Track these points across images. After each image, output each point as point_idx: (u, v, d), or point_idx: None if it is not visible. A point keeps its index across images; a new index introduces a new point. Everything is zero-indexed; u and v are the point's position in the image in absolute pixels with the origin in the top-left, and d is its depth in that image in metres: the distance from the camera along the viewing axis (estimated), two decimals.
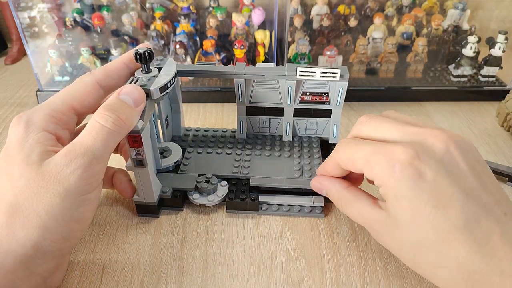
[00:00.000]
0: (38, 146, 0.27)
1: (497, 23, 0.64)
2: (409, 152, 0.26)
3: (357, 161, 0.29)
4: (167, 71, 0.34)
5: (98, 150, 0.28)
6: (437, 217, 0.25)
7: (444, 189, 0.25)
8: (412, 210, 0.25)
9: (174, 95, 0.43)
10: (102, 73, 0.33)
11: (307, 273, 0.32)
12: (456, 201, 0.25)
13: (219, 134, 0.45)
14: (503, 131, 0.52)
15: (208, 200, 0.37)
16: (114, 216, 0.38)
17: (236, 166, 0.40)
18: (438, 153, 0.26)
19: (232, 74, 0.39)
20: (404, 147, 0.26)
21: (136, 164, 0.33)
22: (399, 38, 0.59)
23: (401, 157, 0.26)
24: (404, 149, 0.26)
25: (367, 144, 0.29)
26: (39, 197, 0.26)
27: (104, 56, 0.59)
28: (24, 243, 0.25)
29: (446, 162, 0.26)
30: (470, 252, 0.24)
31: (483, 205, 0.25)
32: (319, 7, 0.60)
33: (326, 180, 0.34)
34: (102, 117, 0.28)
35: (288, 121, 0.43)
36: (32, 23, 0.56)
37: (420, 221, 0.25)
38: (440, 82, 0.59)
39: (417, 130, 0.28)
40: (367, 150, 0.28)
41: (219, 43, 0.59)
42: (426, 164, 0.26)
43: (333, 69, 0.38)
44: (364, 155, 0.28)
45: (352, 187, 0.32)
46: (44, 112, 0.30)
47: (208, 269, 0.33)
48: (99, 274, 0.32)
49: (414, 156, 0.26)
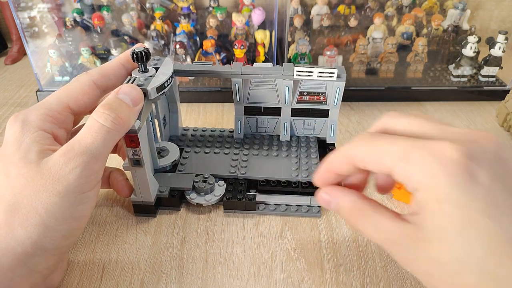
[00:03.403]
0: (35, 145, 0.27)
1: (497, 23, 0.64)
2: (461, 150, 0.22)
3: (388, 157, 0.24)
4: (164, 71, 0.34)
5: (97, 149, 0.28)
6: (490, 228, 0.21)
7: (501, 196, 0.22)
8: (462, 219, 0.21)
9: (172, 95, 0.43)
10: (99, 73, 0.33)
11: (307, 273, 0.32)
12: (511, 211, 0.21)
13: (216, 134, 0.45)
14: (503, 131, 0.52)
15: (206, 199, 0.37)
16: (114, 216, 0.38)
17: (233, 165, 0.40)
18: (494, 156, 0.23)
19: (229, 73, 0.39)
20: (456, 144, 0.22)
21: (133, 164, 0.33)
22: (399, 38, 0.59)
23: (452, 154, 0.22)
24: (455, 146, 0.22)
25: (402, 139, 0.24)
26: (38, 195, 0.26)
27: (104, 56, 0.59)
28: (23, 242, 0.25)
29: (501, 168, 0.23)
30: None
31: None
32: (319, 7, 0.60)
33: (338, 190, 0.28)
34: (102, 116, 0.28)
35: (286, 121, 0.43)
36: (32, 23, 0.56)
37: (469, 232, 0.21)
38: (440, 82, 0.59)
39: (460, 130, 0.24)
40: (405, 144, 0.23)
41: (219, 43, 0.59)
42: (480, 166, 0.22)
43: (330, 69, 0.38)
44: (400, 150, 0.23)
45: (371, 199, 0.27)
46: (40, 112, 0.30)
47: (208, 269, 0.33)
48: (99, 274, 0.32)
49: (467, 155, 0.22)
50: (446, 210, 0.22)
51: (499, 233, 0.21)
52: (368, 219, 0.26)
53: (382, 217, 0.25)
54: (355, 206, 0.26)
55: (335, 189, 0.28)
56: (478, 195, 0.21)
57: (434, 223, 0.22)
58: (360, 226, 0.26)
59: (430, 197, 0.22)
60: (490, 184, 0.22)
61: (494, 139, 0.23)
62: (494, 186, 0.22)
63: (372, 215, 0.25)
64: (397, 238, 0.24)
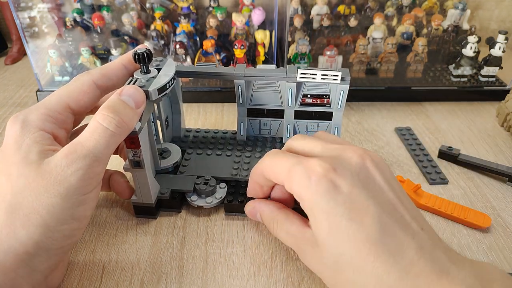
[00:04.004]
0: (36, 145, 0.27)
1: (497, 23, 0.64)
2: (324, 165, 0.26)
3: (280, 172, 0.28)
4: (166, 72, 0.34)
5: (100, 152, 0.28)
6: (352, 229, 0.24)
7: (360, 201, 0.25)
8: (329, 224, 0.25)
9: (174, 96, 0.43)
10: (100, 73, 0.33)
11: (307, 273, 0.32)
12: (371, 213, 0.24)
13: (219, 136, 0.45)
14: (503, 131, 0.52)
15: (206, 202, 0.37)
16: (114, 216, 0.38)
17: (235, 168, 0.40)
18: (355, 167, 0.27)
19: (232, 75, 0.39)
20: (321, 160, 0.26)
21: (133, 165, 0.33)
22: (399, 38, 0.59)
23: (317, 169, 0.26)
24: (320, 162, 0.26)
25: (292, 157, 0.28)
26: (39, 196, 0.26)
27: (104, 56, 0.59)
28: (25, 242, 0.25)
29: (363, 176, 0.26)
30: (386, 265, 0.23)
31: (399, 218, 0.25)
32: (319, 7, 0.60)
33: (259, 202, 0.33)
34: (105, 118, 0.28)
35: (289, 123, 0.43)
36: (32, 23, 0.56)
37: (336, 235, 0.25)
38: (440, 82, 0.59)
39: (337, 146, 0.29)
40: (290, 162, 0.28)
41: (219, 43, 0.59)
42: (342, 177, 0.26)
43: (334, 71, 0.37)
44: (286, 166, 0.28)
45: (286, 208, 0.31)
46: (40, 112, 0.29)
47: (208, 269, 0.33)
48: (99, 274, 0.32)
49: (330, 169, 0.26)
50: (317, 217, 0.26)
51: (362, 232, 0.24)
52: (280, 226, 0.30)
53: (291, 224, 0.29)
54: (271, 215, 0.31)
55: (258, 202, 0.33)
56: (340, 202, 0.25)
57: (314, 229, 0.26)
58: (275, 232, 0.31)
59: (307, 207, 0.26)
60: (350, 191, 0.25)
61: (360, 152, 0.27)
62: (354, 192, 0.25)
63: (284, 223, 0.30)
64: (300, 242, 0.28)
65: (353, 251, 0.24)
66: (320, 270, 0.27)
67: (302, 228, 0.28)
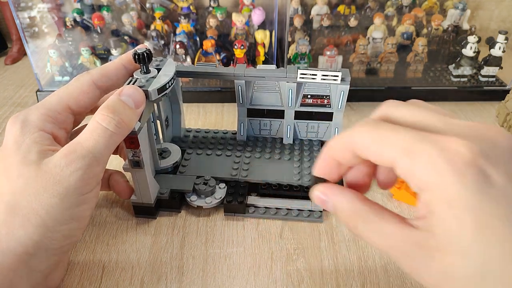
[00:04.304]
0: (36, 145, 0.27)
1: (497, 23, 0.64)
2: (472, 147, 0.19)
3: (391, 148, 0.21)
4: (166, 72, 0.34)
5: (99, 152, 0.28)
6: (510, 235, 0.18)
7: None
8: (476, 225, 0.18)
9: (174, 96, 0.43)
10: (99, 73, 0.33)
11: (307, 273, 0.32)
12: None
13: (219, 136, 0.45)
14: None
15: (206, 202, 0.37)
16: (114, 216, 0.38)
17: (235, 168, 0.40)
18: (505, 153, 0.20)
19: (233, 75, 0.39)
20: (466, 140, 0.19)
21: (133, 165, 0.33)
22: (399, 38, 0.59)
23: (464, 152, 0.19)
24: (466, 143, 0.19)
25: (406, 130, 0.21)
26: (38, 196, 0.26)
27: (104, 56, 0.59)
28: (24, 242, 0.25)
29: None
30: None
31: None
32: (319, 7, 0.60)
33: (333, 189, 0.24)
34: (105, 119, 0.28)
35: (289, 123, 0.43)
36: (32, 23, 0.56)
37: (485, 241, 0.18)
38: (440, 82, 0.59)
39: (468, 123, 0.21)
40: (409, 136, 0.20)
41: (219, 43, 0.59)
42: (494, 165, 0.19)
43: (334, 72, 0.37)
44: (405, 142, 0.20)
45: (371, 201, 0.23)
46: (40, 112, 0.29)
47: (208, 269, 0.33)
48: (99, 274, 0.32)
49: (479, 154, 0.19)
50: (457, 214, 0.19)
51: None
52: (370, 225, 0.23)
53: (386, 222, 0.22)
54: (353, 209, 0.23)
55: (331, 188, 0.24)
56: (492, 198, 0.19)
57: (445, 229, 0.19)
58: (361, 232, 0.23)
59: (439, 199, 0.19)
60: (505, 185, 0.19)
61: (507, 135, 0.21)
62: (510, 187, 0.19)
63: (374, 220, 0.22)
64: (404, 245, 0.21)
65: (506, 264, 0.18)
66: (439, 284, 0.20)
67: (403, 228, 0.21)
